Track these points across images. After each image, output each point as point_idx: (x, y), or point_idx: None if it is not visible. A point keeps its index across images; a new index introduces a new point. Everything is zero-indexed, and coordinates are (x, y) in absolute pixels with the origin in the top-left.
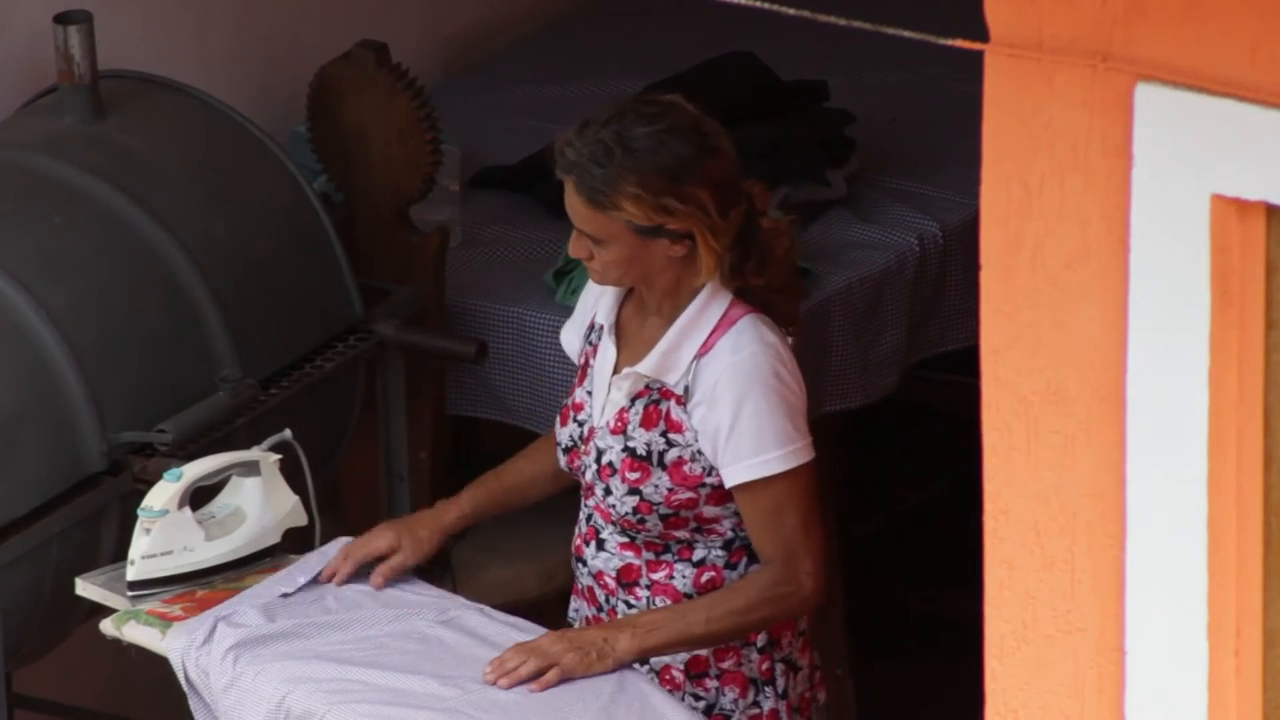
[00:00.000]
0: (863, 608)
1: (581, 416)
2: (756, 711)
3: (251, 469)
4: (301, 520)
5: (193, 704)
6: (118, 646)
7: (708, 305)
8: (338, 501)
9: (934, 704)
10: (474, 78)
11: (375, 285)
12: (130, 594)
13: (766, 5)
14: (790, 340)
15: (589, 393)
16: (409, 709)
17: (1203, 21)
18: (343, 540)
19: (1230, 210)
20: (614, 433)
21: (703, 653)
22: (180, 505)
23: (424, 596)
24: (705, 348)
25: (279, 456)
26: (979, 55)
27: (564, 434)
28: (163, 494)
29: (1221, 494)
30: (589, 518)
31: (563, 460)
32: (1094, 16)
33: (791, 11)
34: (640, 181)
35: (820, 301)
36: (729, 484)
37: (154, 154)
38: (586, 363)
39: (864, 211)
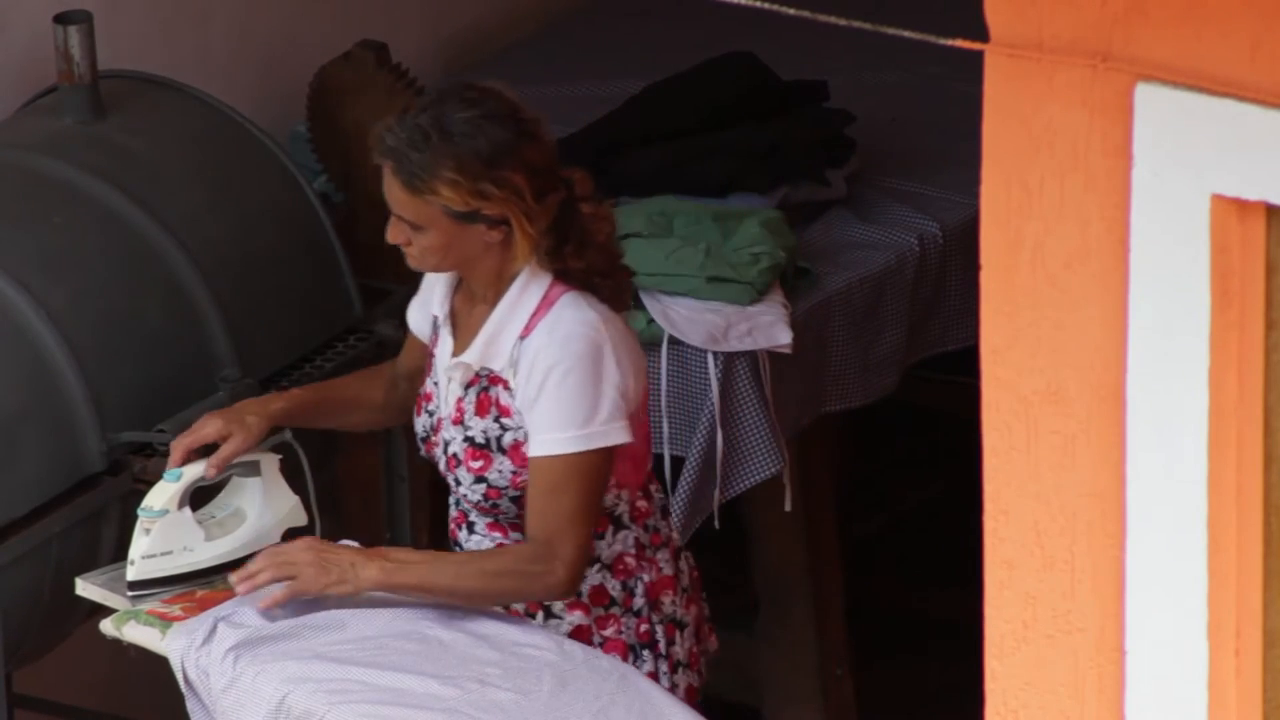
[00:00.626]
0: (863, 608)
1: (431, 407)
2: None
3: (252, 469)
4: (301, 520)
5: (190, 705)
6: (118, 646)
7: (526, 288)
8: (338, 502)
9: (934, 704)
10: (474, 77)
11: (375, 285)
12: (130, 594)
13: (766, 5)
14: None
15: (435, 383)
16: (409, 709)
17: (1203, 21)
18: (347, 543)
19: (1230, 210)
20: (455, 423)
21: (584, 621)
22: (180, 505)
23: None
24: (527, 330)
25: (279, 457)
26: (979, 55)
27: (418, 424)
28: (162, 494)
29: (1221, 494)
30: (456, 503)
31: (421, 450)
32: (1094, 16)
33: (791, 11)
34: (457, 166)
35: (820, 301)
36: (529, 454)
37: (154, 154)
38: (432, 353)
39: (864, 211)
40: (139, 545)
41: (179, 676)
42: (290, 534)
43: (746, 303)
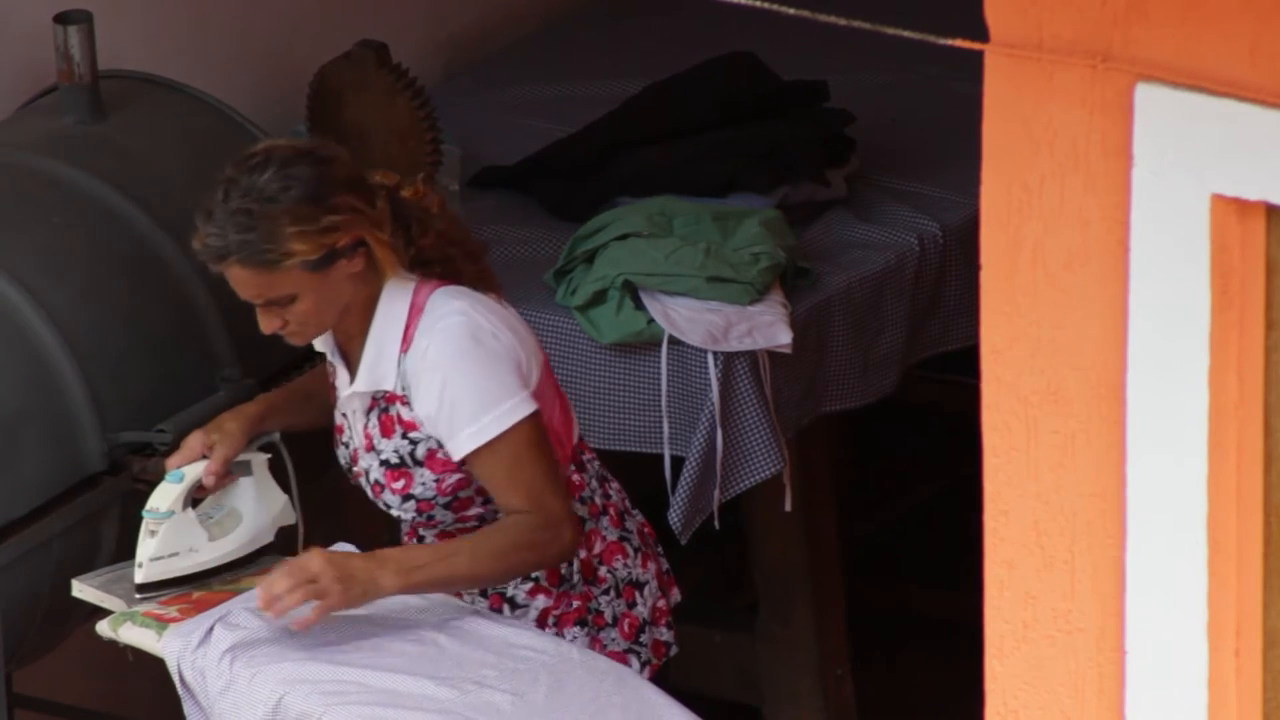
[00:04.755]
0: (863, 608)
1: (345, 439)
2: (617, 650)
3: (243, 469)
4: (291, 518)
5: (187, 707)
6: (117, 647)
7: (391, 303)
8: (338, 502)
9: (934, 704)
10: (474, 78)
11: None
12: (139, 596)
13: (766, 5)
14: (497, 297)
15: (344, 415)
16: (405, 710)
17: (1203, 21)
18: (344, 546)
19: (1230, 210)
20: (368, 450)
21: (546, 604)
22: (185, 506)
23: (421, 600)
24: (405, 343)
25: (269, 456)
26: (979, 55)
27: (340, 456)
28: (167, 496)
29: (1221, 494)
30: (402, 526)
31: (351, 480)
32: (1094, 16)
33: (791, 11)
34: (294, 219)
35: (820, 301)
36: (457, 457)
37: (154, 154)
38: (334, 387)
39: (864, 211)
40: (146, 548)
41: (175, 678)
42: (280, 532)
43: (746, 303)
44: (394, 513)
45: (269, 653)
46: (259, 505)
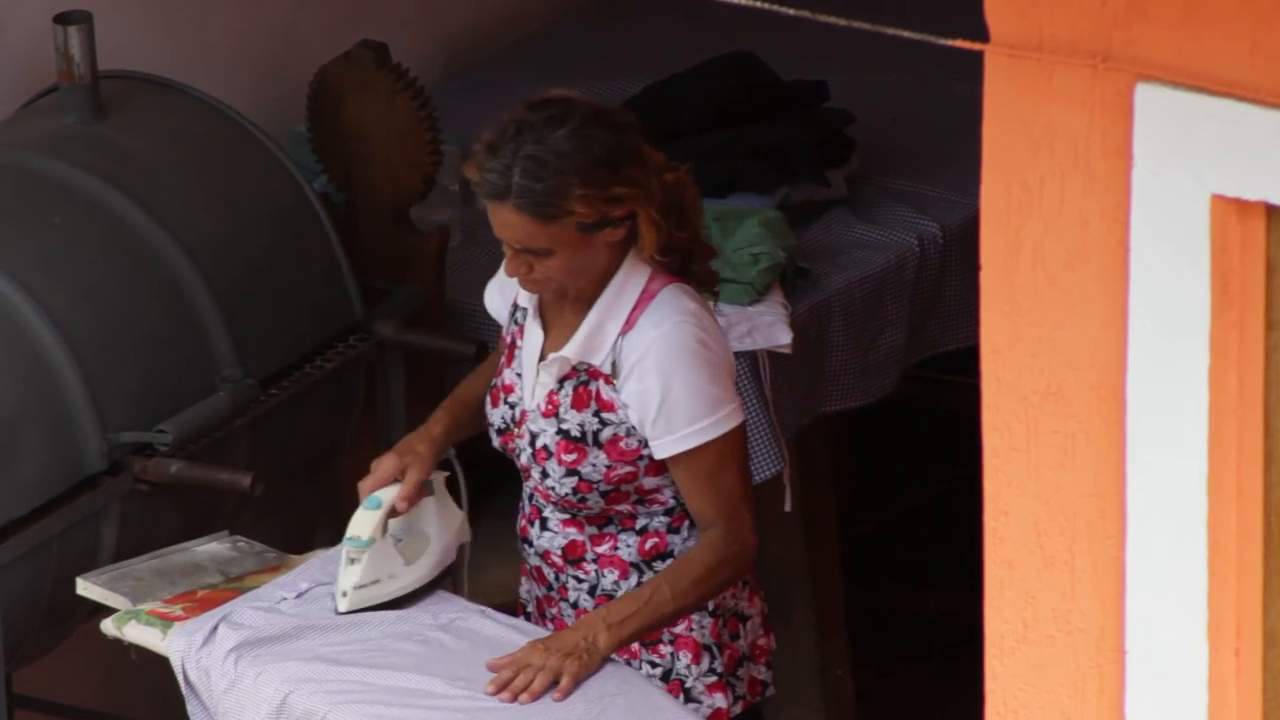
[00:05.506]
0: (863, 608)
1: (512, 399)
2: (713, 679)
3: (425, 488)
4: (468, 535)
5: (190, 706)
6: (118, 646)
7: (626, 282)
8: (338, 502)
9: (934, 704)
10: (474, 78)
11: (375, 285)
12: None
13: (766, 5)
14: (712, 304)
15: (518, 375)
16: (409, 709)
17: (1203, 21)
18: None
19: (1230, 210)
20: (546, 416)
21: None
22: (383, 533)
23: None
24: (628, 325)
25: (446, 474)
26: (979, 55)
27: (495, 415)
28: (366, 524)
29: (1221, 494)
30: (530, 497)
31: (496, 441)
32: (1094, 16)
33: (791, 11)
34: (585, 181)
35: (820, 301)
36: (661, 455)
37: (154, 154)
38: (514, 344)
39: (864, 211)
40: (350, 576)
41: (179, 677)
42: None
43: (746, 303)
44: (546, 482)
45: (274, 651)
46: (442, 525)
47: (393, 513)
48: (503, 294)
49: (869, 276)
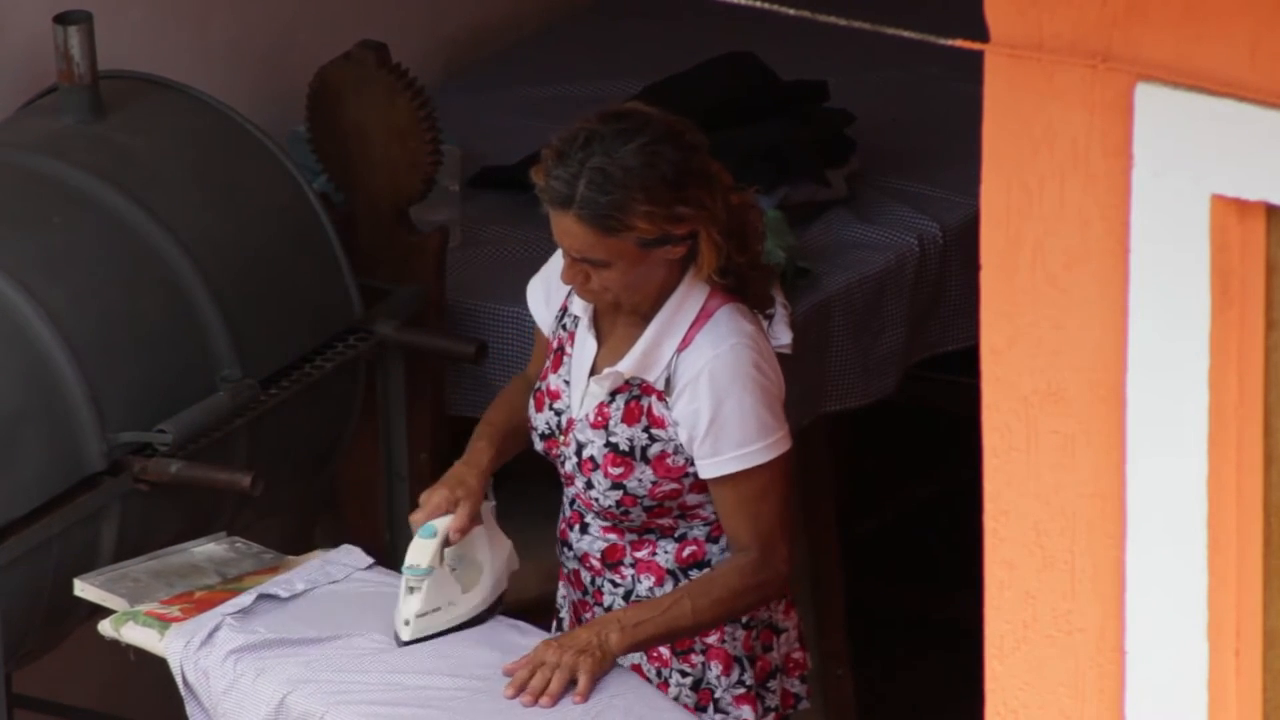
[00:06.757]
0: (863, 608)
1: (559, 405)
2: (741, 691)
3: (476, 517)
4: (517, 563)
5: (189, 707)
6: (118, 646)
7: (685, 299)
8: (338, 502)
9: (934, 704)
10: (474, 78)
11: (375, 285)
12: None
13: (766, 5)
14: (766, 325)
15: (566, 382)
16: (408, 707)
17: (1203, 21)
18: (348, 548)
19: (1230, 210)
20: (595, 427)
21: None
22: (441, 562)
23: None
24: (685, 342)
25: (494, 503)
26: (979, 55)
27: (540, 420)
28: (425, 552)
29: (1221, 494)
30: (571, 503)
31: (539, 445)
32: (1094, 16)
33: (791, 11)
34: (649, 198)
35: (820, 301)
36: (707, 475)
37: (154, 154)
38: (562, 349)
39: (864, 211)
40: (410, 604)
41: (178, 678)
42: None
43: None
44: (590, 493)
45: (274, 653)
46: (493, 552)
47: (446, 542)
48: (549, 295)
49: (869, 276)
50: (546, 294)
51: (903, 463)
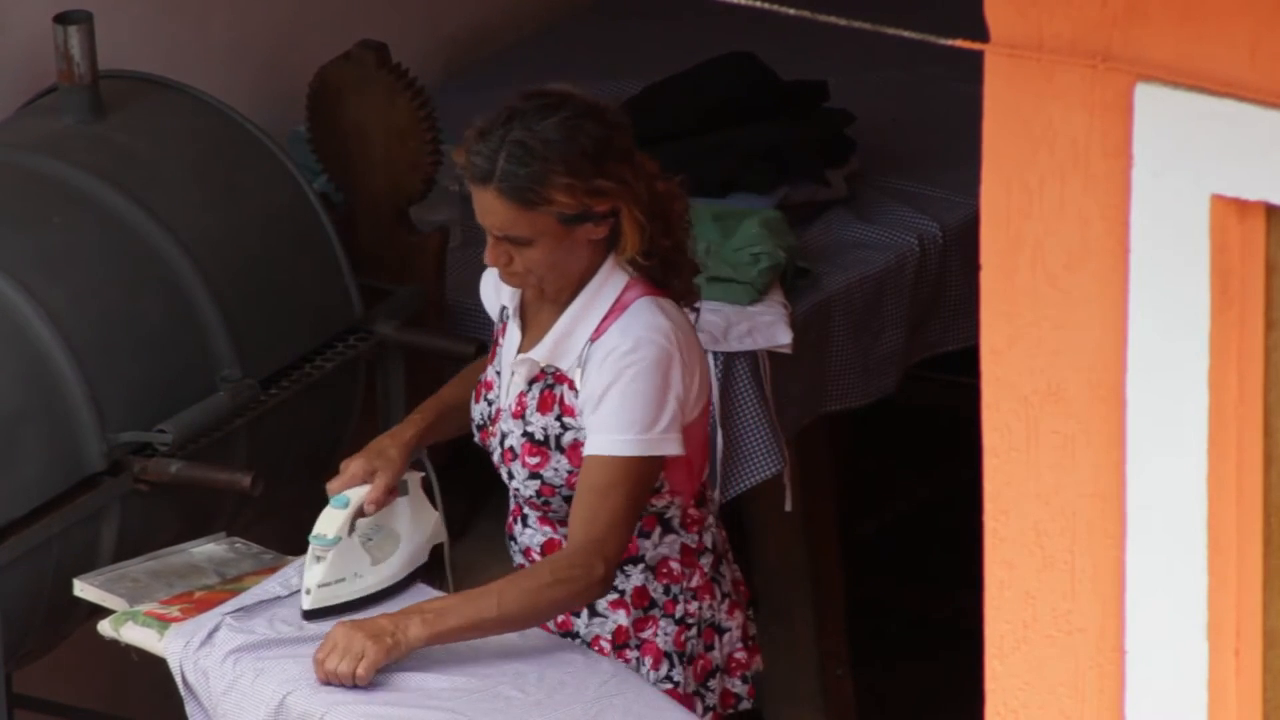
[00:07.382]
0: (863, 608)
1: (491, 396)
2: (669, 686)
3: (399, 488)
4: (442, 536)
5: (189, 707)
6: (118, 646)
7: (602, 287)
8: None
9: (934, 704)
10: (474, 78)
11: (375, 285)
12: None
13: (766, 5)
14: (694, 319)
15: (498, 373)
16: (408, 708)
17: (1203, 21)
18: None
19: (1230, 210)
20: (514, 416)
21: (624, 622)
22: (350, 532)
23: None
24: (598, 332)
25: (422, 475)
26: (979, 55)
27: (476, 411)
28: (333, 521)
29: (1221, 494)
30: (513, 495)
31: (476, 436)
32: (1094, 16)
33: (791, 11)
34: (569, 170)
35: (820, 301)
36: (585, 452)
37: (154, 154)
38: (496, 340)
39: (864, 211)
40: (314, 574)
41: (177, 678)
42: (434, 550)
43: (746, 303)
44: (513, 484)
45: (274, 653)
46: (414, 525)
47: (361, 513)
48: (498, 290)
49: (869, 276)
50: (496, 286)
51: (903, 463)
